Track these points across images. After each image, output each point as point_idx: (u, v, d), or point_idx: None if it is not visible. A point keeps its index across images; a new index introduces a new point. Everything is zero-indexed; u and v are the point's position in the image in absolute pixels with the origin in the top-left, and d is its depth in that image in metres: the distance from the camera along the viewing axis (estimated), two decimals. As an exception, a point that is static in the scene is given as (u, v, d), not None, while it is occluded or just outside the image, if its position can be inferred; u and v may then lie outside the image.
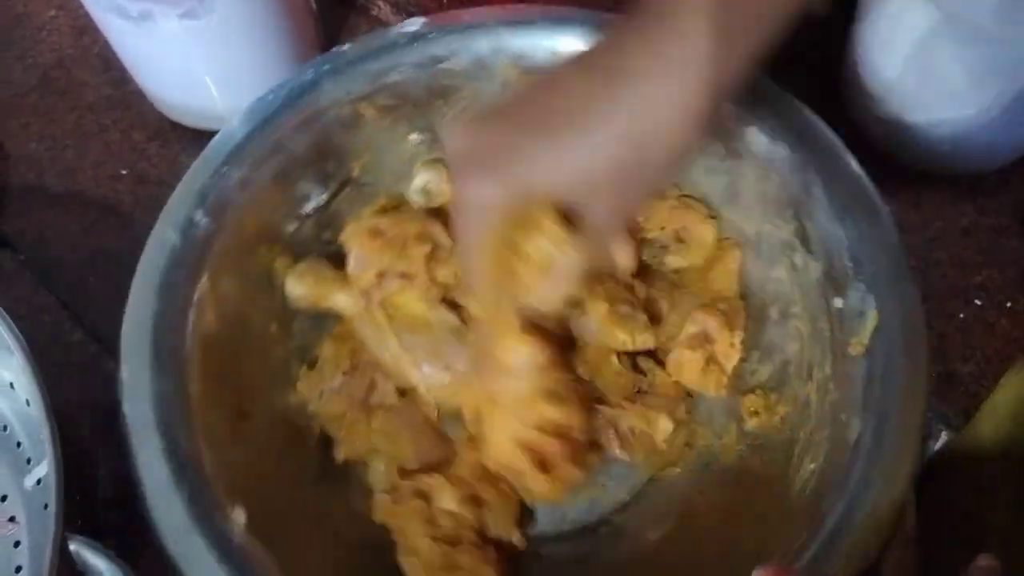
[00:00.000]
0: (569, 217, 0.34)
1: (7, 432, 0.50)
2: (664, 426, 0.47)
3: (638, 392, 0.49)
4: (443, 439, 0.48)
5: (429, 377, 0.47)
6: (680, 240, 0.51)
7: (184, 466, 0.38)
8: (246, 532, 0.37)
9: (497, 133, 0.34)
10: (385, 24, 0.66)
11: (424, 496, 0.45)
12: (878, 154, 0.55)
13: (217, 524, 0.37)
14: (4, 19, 0.68)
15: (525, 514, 0.47)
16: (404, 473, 0.46)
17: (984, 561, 0.33)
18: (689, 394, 0.50)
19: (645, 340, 0.48)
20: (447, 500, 0.44)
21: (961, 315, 0.53)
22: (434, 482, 0.45)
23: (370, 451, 0.48)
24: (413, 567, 0.43)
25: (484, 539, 0.44)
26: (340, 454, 0.48)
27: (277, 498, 0.42)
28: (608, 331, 0.47)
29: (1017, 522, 0.40)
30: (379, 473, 0.47)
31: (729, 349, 0.48)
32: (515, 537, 0.45)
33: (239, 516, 0.37)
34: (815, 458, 0.40)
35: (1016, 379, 0.40)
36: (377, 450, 0.48)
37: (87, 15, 0.57)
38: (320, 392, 0.48)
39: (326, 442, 0.49)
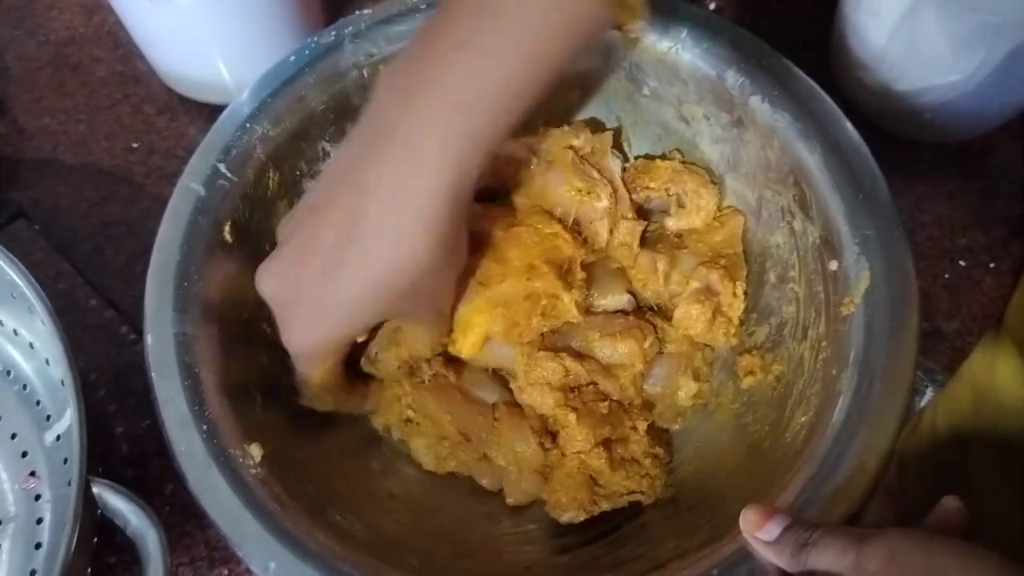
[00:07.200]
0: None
1: (27, 391, 0.51)
2: (688, 387, 0.48)
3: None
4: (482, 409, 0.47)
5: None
6: (680, 205, 0.51)
7: (203, 403, 0.39)
8: (261, 467, 0.39)
9: (293, 285, 0.38)
10: (386, -1, 0.67)
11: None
12: (866, 122, 0.55)
13: (233, 458, 0.38)
14: (16, -2, 0.69)
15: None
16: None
17: (951, 503, 0.34)
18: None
19: None
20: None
21: (946, 275, 0.55)
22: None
23: (408, 419, 0.48)
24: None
25: None
26: (378, 422, 0.49)
27: (291, 439, 0.43)
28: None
29: (991, 471, 0.41)
30: (420, 447, 0.48)
31: (733, 299, 0.49)
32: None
33: (255, 451, 0.39)
34: (806, 411, 0.42)
35: (991, 338, 0.41)
36: (414, 420, 0.48)
37: (96, -7, 0.57)
38: (375, 351, 0.47)
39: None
